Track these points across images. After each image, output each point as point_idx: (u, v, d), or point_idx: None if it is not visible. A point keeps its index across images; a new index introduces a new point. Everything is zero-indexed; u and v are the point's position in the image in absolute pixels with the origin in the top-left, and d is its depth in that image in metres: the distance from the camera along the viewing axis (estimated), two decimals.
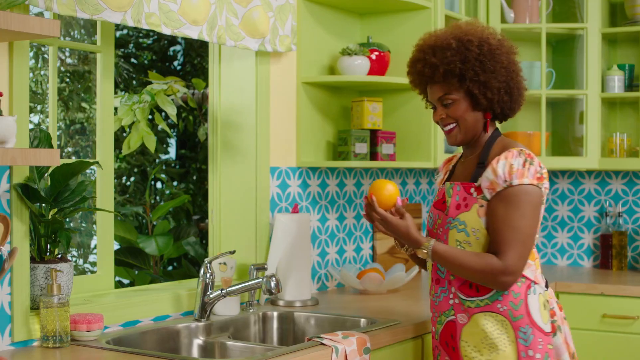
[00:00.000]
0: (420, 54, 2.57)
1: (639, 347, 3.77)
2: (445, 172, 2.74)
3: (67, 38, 5.43)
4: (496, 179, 2.46)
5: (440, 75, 2.51)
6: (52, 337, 2.46)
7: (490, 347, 2.48)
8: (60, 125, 5.68)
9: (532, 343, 2.48)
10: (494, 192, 2.46)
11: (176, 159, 6.60)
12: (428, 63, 2.53)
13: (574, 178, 4.61)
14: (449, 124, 2.56)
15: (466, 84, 2.50)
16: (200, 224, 5.86)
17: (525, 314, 2.49)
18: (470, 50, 2.50)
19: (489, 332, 2.48)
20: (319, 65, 3.63)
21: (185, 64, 6.60)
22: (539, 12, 4.27)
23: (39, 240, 2.59)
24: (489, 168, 2.48)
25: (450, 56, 2.50)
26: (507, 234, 2.43)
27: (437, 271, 2.60)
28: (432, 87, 2.57)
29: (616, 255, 4.36)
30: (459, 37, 2.52)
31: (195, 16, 2.89)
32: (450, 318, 2.56)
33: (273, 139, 3.43)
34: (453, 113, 2.54)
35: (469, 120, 2.55)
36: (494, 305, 2.49)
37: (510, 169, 2.45)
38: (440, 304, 2.59)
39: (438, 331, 2.61)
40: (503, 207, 2.45)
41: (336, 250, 3.79)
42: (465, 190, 2.52)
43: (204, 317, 2.90)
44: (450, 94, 2.53)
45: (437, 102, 2.57)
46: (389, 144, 3.64)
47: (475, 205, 2.49)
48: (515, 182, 2.44)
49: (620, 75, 4.26)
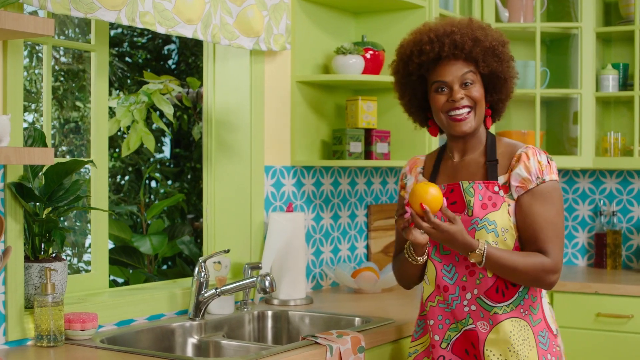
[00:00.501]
0: (452, 27, 2.43)
1: (633, 346, 3.78)
2: (417, 175, 2.62)
3: (61, 37, 5.42)
4: (530, 176, 2.39)
5: (481, 51, 2.41)
6: (47, 336, 2.46)
7: (515, 354, 2.39)
8: (54, 124, 5.67)
9: (549, 347, 2.44)
10: (523, 190, 2.40)
11: (170, 158, 6.60)
12: (468, 36, 2.41)
13: (569, 177, 4.62)
14: (465, 107, 2.42)
15: (495, 68, 2.43)
16: (194, 223, 5.85)
17: (542, 317, 2.45)
18: (505, 39, 2.47)
19: (514, 338, 2.39)
20: (313, 64, 3.63)
21: (180, 63, 6.59)
22: (534, 11, 4.27)
23: (33, 239, 2.58)
24: (520, 165, 2.40)
25: (492, 35, 2.44)
26: (549, 232, 2.38)
27: (444, 277, 2.46)
28: (452, 65, 2.43)
29: (610, 254, 4.37)
30: (488, 24, 2.51)
31: (189, 15, 2.89)
32: (469, 327, 2.43)
33: (267, 138, 3.43)
34: (473, 94, 2.43)
35: (483, 108, 2.47)
36: (518, 310, 2.41)
37: (539, 165, 2.40)
38: (453, 312, 2.46)
39: (450, 340, 2.47)
40: (540, 204, 2.39)
41: (331, 249, 3.79)
42: (489, 189, 2.42)
43: (199, 316, 2.90)
44: (474, 73, 2.44)
45: (457, 80, 2.42)
46: (384, 143, 3.64)
47: (505, 204, 2.40)
48: (547, 178, 2.40)
49: (615, 75, 4.26)
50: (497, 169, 2.45)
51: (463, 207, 2.43)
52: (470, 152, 2.52)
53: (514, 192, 2.41)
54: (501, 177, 2.44)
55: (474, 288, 2.42)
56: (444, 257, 2.47)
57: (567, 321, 3.90)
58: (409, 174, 2.65)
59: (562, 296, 3.91)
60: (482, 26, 2.47)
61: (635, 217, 4.44)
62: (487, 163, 2.46)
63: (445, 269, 2.47)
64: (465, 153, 2.53)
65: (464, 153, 2.54)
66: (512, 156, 2.45)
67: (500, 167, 2.46)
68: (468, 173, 2.50)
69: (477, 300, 2.42)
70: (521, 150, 2.44)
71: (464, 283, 2.44)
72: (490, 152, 2.48)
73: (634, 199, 4.44)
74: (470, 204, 2.41)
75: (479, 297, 2.42)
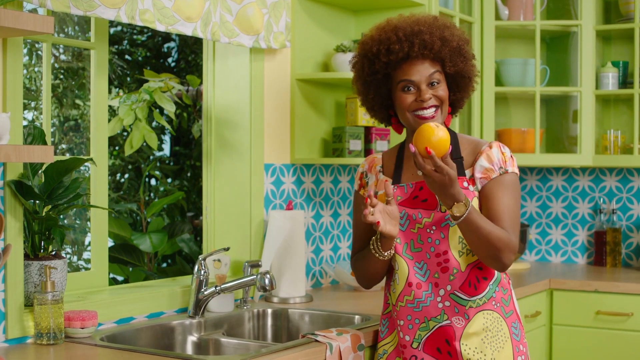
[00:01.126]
0: (420, 26, 2.43)
1: (633, 344, 3.78)
2: (377, 174, 2.60)
3: (61, 35, 5.42)
4: (492, 166, 2.43)
5: (448, 51, 2.43)
6: (46, 334, 2.46)
7: (492, 346, 2.42)
8: (54, 122, 5.67)
9: (520, 337, 2.49)
10: (486, 180, 2.43)
11: (170, 156, 6.60)
12: (437, 36, 2.42)
13: (568, 175, 4.62)
14: (433, 107, 2.43)
15: (461, 68, 2.45)
16: (194, 221, 5.86)
17: (513, 309, 2.50)
18: (467, 37, 2.50)
19: (488, 330, 2.42)
20: (313, 62, 3.63)
21: (180, 61, 6.59)
22: (533, 9, 4.27)
23: (33, 237, 2.58)
24: (482, 157, 2.44)
25: (457, 35, 2.46)
26: (509, 218, 2.40)
27: (417, 275, 2.46)
28: (420, 64, 2.43)
29: (610, 252, 4.37)
30: (452, 22, 2.51)
31: (189, 13, 2.89)
32: (444, 323, 2.44)
33: (267, 136, 3.43)
34: (439, 93, 2.44)
35: (447, 106, 2.49)
36: (490, 302, 2.45)
37: (503, 156, 2.44)
38: (425, 309, 2.45)
39: (421, 339, 2.46)
40: (501, 192, 2.42)
41: (330, 247, 3.79)
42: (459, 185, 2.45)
43: (198, 314, 2.90)
44: (440, 72, 2.45)
45: (425, 79, 2.42)
46: (383, 141, 3.64)
47: (475, 198, 2.44)
48: (510, 169, 2.44)
49: (614, 72, 4.26)
50: (463, 164, 2.48)
51: (435, 204, 2.45)
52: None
53: (479, 183, 2.45)
54: (467, 172, 2.47)
55: (447, 284, 2.44)
56: (415, 255, 2.47)
57: (566, 319, 3.90)
58: (369, 172, 2.63)
59: (561, 294, 3.92)
60: (448, 25, 2.48)
61: (635, 215, 4.44)
62: (454, 160, 2.45)
63: (417, 266, 2.47)
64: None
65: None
66: (476, 151, 2.48)
67: (466, 162, 2.49)
68: None
69: (451, 296, 2.43)
70: (485, 145, 2.48)
71: (436, 280, 2.44)
72: (454, 149, 2.49)
73: (633, 197, 4.44)
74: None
75: (452, 293, 2.43)
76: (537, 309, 3.84)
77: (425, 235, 2.45)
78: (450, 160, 2.27)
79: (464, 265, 2.43)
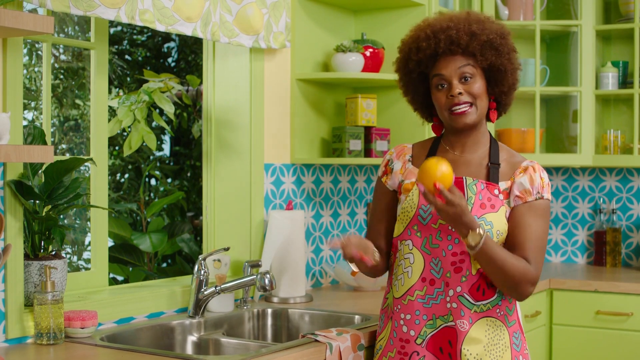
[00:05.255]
0: (449, 22, 2.43)
1: (633, 344, 3.78)
2: (405, 163, 2.57)
3: (61, 35, 5.42)
4: (531, 188, 2.41)
5: (478, 45, 2.40)
6: (46, 334, 2.46)
7: (491, 355, 2.39)
8: (54, 122, 5.67)
9: (521, 348, 2.46)
10: (521, 201, 2.41)
11: (170, 156, 6.60)
12: (464, 31, 2.40)
13: (568, 175, 4.62)
14: (465, 103, 2.41)
15: (494, 61, 2.42)
16: (194, 221, 5.86)
17: (516, 319, 2.47)
18: (505, 30, 2.47)
19: (490, 338, 2.40)
20: (313, 62, 3.63)
21: (180, 61, 6.59)
22: (533, 9, 4.27)
23: (33, 237, 2.58)
24: (526, 176, 2.42)
25: (490, 28, 2.43)
26: (536, 245, 2.39)
27: (432, 271, 2.43)
28: (451, 59, 2.42)
29: (610, 252, 4.37)
30: (487, 16, 2.49)
31: (189, 13, 2.89)
32: (449, 324, 2.41)
33: (267, 136, 3.43)
34: (472, 89, 2.42)
35: (484, 103, 2.45)
36: (494, 310, 2.42)
37: (542, 181, 2.43)
38: (435, 307, 2.42)
39: (426, 336, 2.43)
40: (532, 218, 2.40)
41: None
42: (489, 190, 2.42)
43: (198, 313, 2.90)
44: (474, 66, 2.42)
45: (456, 74, 2.41)
46: (383, 141, 3.64)
47: (503, 208, 2.41)
48: (545, 196, 2.43)
49: (614, 72, 4.27)
50: (499, 173, 2.45)
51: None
52: (470, 150, 2.50)
53: (512, 200, 2.42)
54: (502, 183, 2.44)
55: (457, 285, 2.41)
56: (433, 250, 2.44)
57: (566, 319, 3.91)
58: (396, 160, 2.60)
59: (561, 294, 3.92)
60: (480, 19, 2.46)
61: (634, 215, 4.44)
62: (490, 165, 2.45)
63: (433, 262, 2.44)
64: (465, 149, 2.51)
65: (464, 149, 2.51)
66: (516, 166, 2.46)
67: (502, 173, 2.46)
68: (468, 170, 2.48)
69: (459, 298, 2.40)
70: (527, 163, 2.46)
71: (447, 279, 2.41)
72: (493, 155, 2.48)
73: (633, 197, 4.45)
74: (470, 200, 2.40)
75: (461, 295, 2.40)
76: (537, 308, 3.84)
77: (446, 232, 2.42)
78: (457, 190, 2.28)
79: (475, 269, 2.41)
